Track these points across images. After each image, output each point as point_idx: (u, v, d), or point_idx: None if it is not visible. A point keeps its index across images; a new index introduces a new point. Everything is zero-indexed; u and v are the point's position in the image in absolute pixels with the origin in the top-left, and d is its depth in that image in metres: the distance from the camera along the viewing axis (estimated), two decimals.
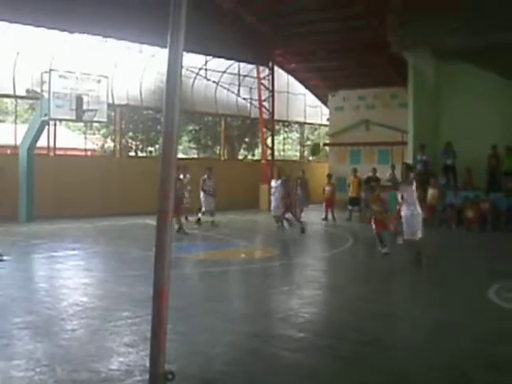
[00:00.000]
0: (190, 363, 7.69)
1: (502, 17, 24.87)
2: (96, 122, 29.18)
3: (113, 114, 32.72)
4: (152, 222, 24.34)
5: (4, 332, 8.99)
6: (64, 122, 36.50)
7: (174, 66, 2.71)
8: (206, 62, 34.35)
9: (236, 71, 37.10)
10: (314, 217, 29.43)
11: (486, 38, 25.27)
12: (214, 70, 35.57)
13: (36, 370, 7.33)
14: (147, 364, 7.47)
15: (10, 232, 21.99)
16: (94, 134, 44.40)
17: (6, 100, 41.41)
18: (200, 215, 25.99)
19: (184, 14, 2.57)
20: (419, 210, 15.88)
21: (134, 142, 42.53)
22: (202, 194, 25.88)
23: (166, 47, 14.17)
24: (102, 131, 44.24)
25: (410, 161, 26.70)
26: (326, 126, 43.26)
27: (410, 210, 15.71)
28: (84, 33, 28.24)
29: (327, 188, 30.22)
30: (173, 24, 2.61)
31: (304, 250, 21.05)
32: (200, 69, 34.54)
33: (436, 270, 15.75)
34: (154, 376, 2.41)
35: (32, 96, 28.54)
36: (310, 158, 45.94)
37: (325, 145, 42.30)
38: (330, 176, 31.41)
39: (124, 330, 9.36)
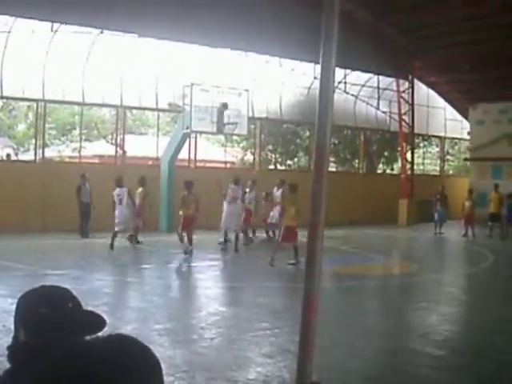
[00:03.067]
0: (328, 377, 7.59)
1: None
2: (236, 134, 29.66)
3: (252, 127, 33.06)
4: None
5: (145, 337, 9.13)
6: (204, 135, 37.20)
7: (327, 79, 2.72)
8: (345, 75, 34.24)
9: (375, 84, 36.84)
10: (453, 233, 28.88)
11: None
12: (353, 84, 35.44)
13: (176, 376, 7.49)
14: (285, 375, 7.62)
15: (150, 242, 22.36)
16: (233, 146, 45.02)
17: (148, 113, 42.61)
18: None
19: (337, 28, 2.59)
20: None
21: (273, 155, 42.93)
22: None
23: (305, 61, 14.12)
24: (241, 144, 44.81)
25: None
26: (466, 140, 42.39)
27: None
28: (224, 47, 28.70)
29: (467, 203, 29.40)
30: (325, 38, 2.62)
31: (443, 266, 20.70)
32: (339, 82, 34.49)
33: None
34: None
35: (173, 109, 29.28)
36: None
37: (465, 160, 41.45)
38: (470, 191, 30.60)
39: (262, 341, 9.43)
